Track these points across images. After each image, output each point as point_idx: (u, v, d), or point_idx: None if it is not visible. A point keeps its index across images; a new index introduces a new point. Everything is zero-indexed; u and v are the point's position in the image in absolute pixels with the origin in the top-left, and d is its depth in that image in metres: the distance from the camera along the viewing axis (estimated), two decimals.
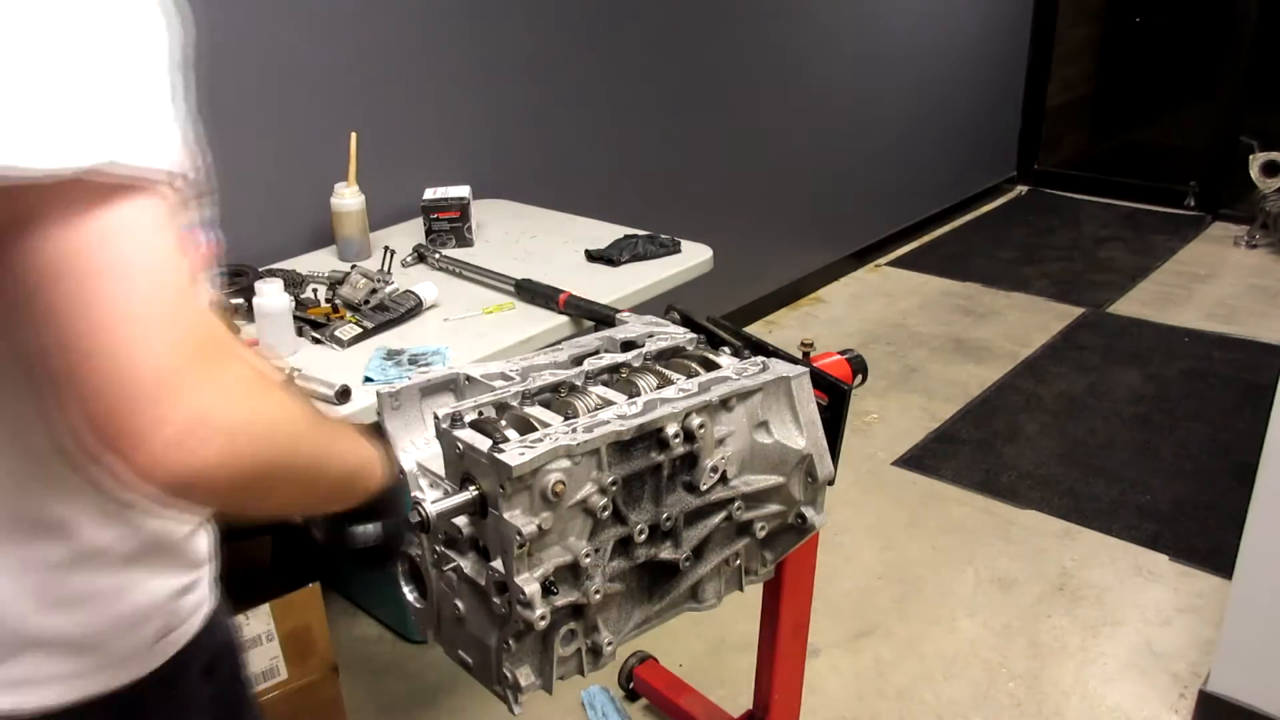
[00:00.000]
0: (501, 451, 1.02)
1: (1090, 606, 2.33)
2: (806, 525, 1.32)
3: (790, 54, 3.77)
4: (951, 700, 2.07)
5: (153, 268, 0.53)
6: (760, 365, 1.26)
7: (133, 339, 0.52)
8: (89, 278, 0.52)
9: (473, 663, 1.19)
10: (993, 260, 4.63)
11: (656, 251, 2.08)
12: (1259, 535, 1.81)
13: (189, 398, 0.54)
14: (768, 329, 3.93)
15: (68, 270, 0.51)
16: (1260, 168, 4.47)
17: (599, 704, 2.03)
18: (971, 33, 4.91)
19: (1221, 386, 3.35)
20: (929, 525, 2.66)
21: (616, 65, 3.10)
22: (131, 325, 0.52)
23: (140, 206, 0.54)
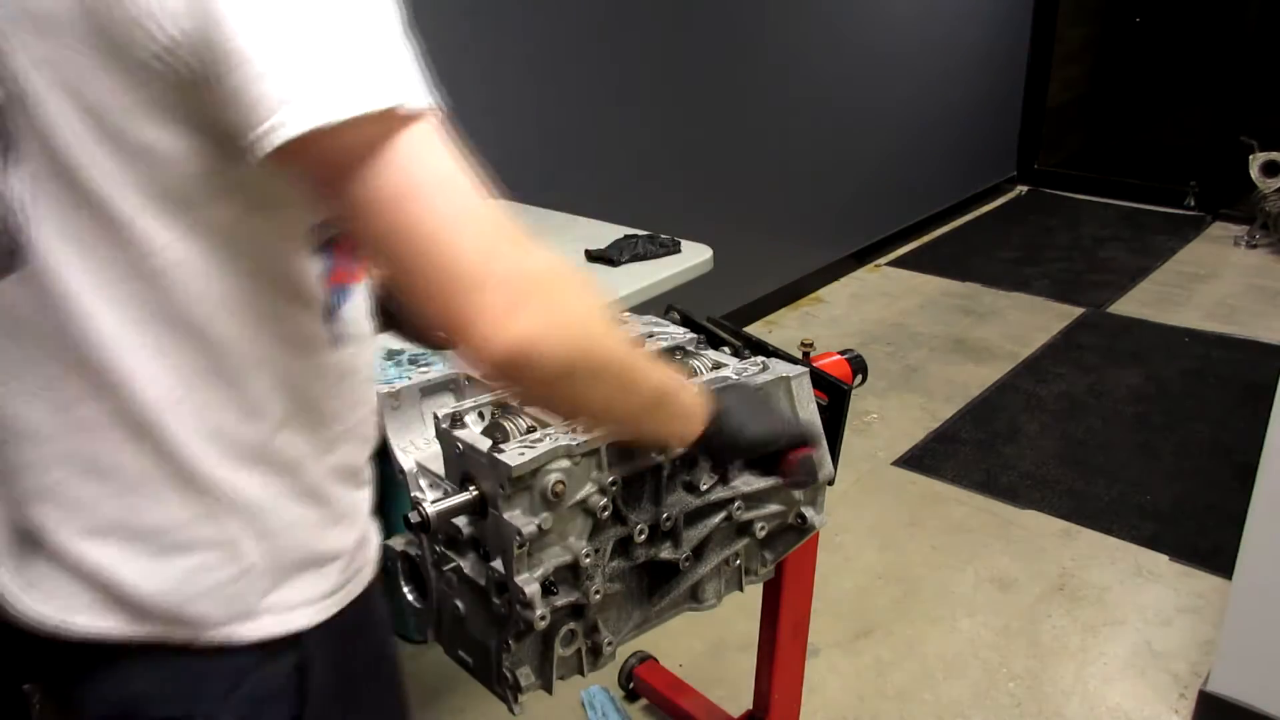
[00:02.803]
0: (501, 451, 1.02)
1: (1090, 606, 2.33)
2: (806, 525, 1.32)
3: (791, 54, 3.77)
4: (951, 700, 2.07)
5: (450, 181, 0.64)
6: (760, 365, 1.26)
7: (452, 240, 0.62)
8: (406, 200, 0.61)
9: (473, 663, 1.19)
10: (993, 260, 4.63)
11: (656, 251, 2.08)
12: (1259, 535, 1.81)
13: (506, 278, 0.63)
14: (768, 329, 3.93)
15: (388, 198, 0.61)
16: (1260, 168, 4.47)
17: (599, 704, 2.03)
18: (971, 33, 4.91)
19: (1221, 386, 3.35)
20: (929, 525, 2.66)
21: (617, 65, 3.10)
22: (448, 230, 0.62)
23: (428, 134, 0.63)
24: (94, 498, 0.72)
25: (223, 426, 0.72)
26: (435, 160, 0.63)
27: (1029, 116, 5.60)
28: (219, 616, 0.75)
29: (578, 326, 0.68)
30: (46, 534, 0.73)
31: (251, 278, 0.70)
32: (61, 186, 0.66)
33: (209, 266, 0.68)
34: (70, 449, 0.71)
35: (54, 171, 0.65)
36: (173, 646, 0.75)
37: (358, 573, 0.85)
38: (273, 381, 0.74)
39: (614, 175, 3.18)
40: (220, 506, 0.74)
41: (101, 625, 0.74)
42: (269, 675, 0.78)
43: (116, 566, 0.73)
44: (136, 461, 0.71)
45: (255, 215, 0.69)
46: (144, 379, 0.69)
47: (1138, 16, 6.32)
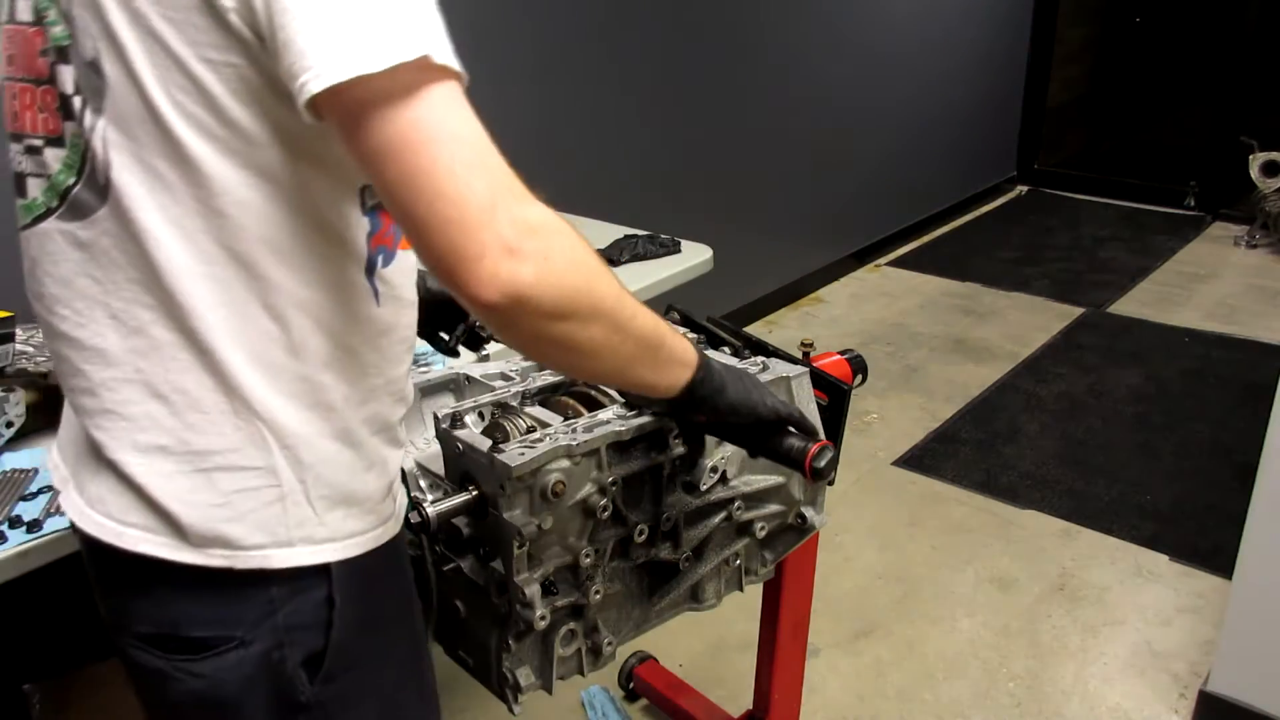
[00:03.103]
0: (501, 451, 1.02)
1: (1090, 606, 2.33)
2: (806, 525, 1.32)
3: (791, 54, 3.77)
4: (951, 700, 2.07)
5: (465, 132, 0.69)
6: (760, 365, 1.26)
7: (459, 186, 0.67)
8: (424, 145, 0.67)
9: (473, 663, 1.19)
10: (993, 260, 4.63)
11: (656, 251, 2.08)
12: (1259, 535, 1.81)
13: (507, 224, 0.68)
14: (768, 329, 3.93)
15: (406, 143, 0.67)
16: (1260, 168, 4.47)
17: (599, 704, 2.03)
18: (971, 33, 4.91)
19: (1221, 386, 3.35)
20: (929, 525, 2.66)
21: (617, 66, 3.10)
22: (457, 176, 0.67)
23: (449, 88, 0.69)
24: (154, 416, 0.79)
25: (271, 359, 0.79)
26: (453, 114, 0.69)
27: (1029, 116, 5.60)
28: (256, 540, 0.81)
29: (574, 269, 0.73)
30: (108, 448, 0.81)
31: (303, 223, 0.78)
32: (144, 131, 0.73)
33: (266, 209, 0.76)
34: (137, 369, 0.79)
35: (138, 117, 0.73)
36: (213, 571, 0.81)
37: (385, 520, 0.90)
38: (315, 323, 0.80)
39: (614, 175, 3.18)
40: (264, 434, 0.80)
41: (147, 545, 0.81)
42: (300, 606, 0.84)
43: (166, 482, 0.80)
44: (195, 383, 0.79)
45: (308, 165, 0.76)
46: (205, 306, 0.77)
47: (1138, 16, 6.32)
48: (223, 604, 0.83)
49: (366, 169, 0.70)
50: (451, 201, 0.67)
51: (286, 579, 0.83)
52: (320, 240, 0.79)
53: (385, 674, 0.93)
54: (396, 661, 0.95)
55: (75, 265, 0.79)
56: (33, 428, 1.34)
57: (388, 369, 0.88)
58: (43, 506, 1.18)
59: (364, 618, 0.88)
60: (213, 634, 0.83)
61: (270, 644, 0.84)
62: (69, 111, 0.76)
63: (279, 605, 0.83)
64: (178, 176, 0.74)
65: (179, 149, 0.73)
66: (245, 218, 0.75)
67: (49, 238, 0.80)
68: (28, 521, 1.16)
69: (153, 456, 0.80)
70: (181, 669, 0.85)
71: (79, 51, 0.74)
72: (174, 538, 0.81)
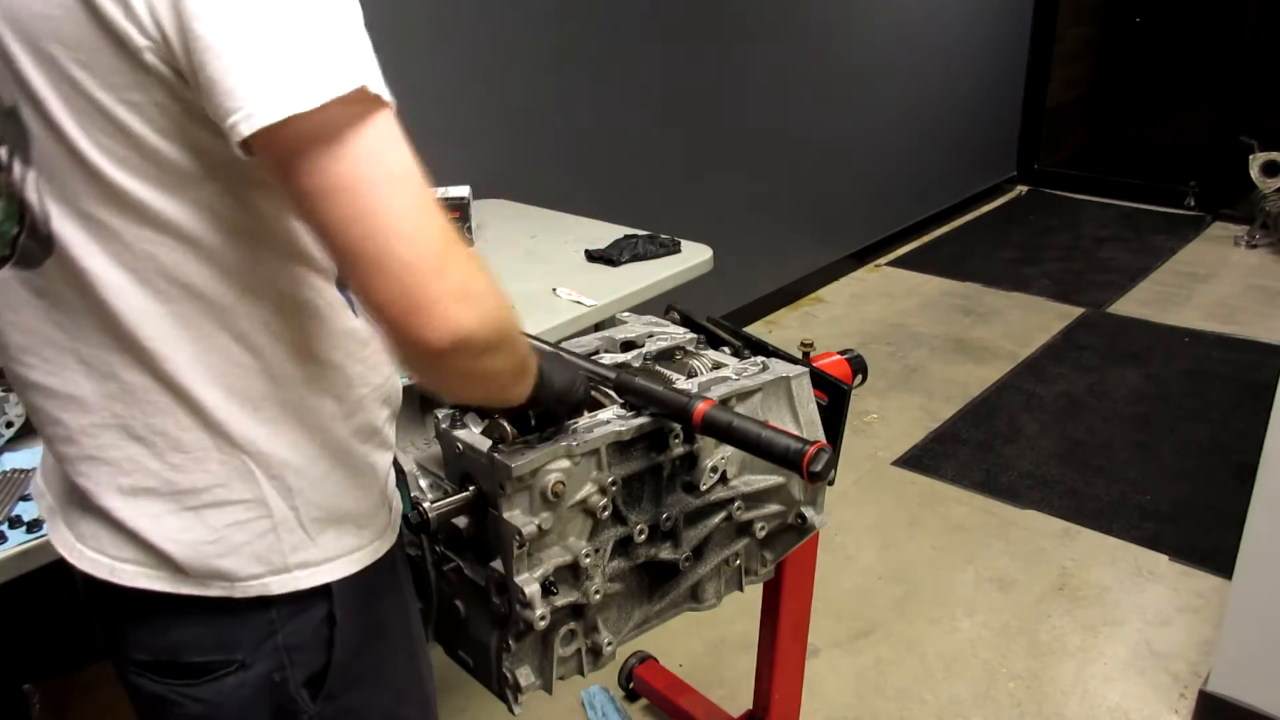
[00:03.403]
0: (501, 451, 1.02)
1: (1090, 606, 2.33)
2: (806, 525, 1.32)
3: (790, 54, 3.77)
4: (951, 700, 2.07)
5: (408, 173, 0.67)
6: (760, 365, 1.26)
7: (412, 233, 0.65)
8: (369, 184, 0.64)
9: (473, 663, 1.19)
10: (993, 260, 4.63)
11: (656, 251, 2.08)
12: (1259, 535, 1.81)
13: (456, 273, 0.67)
14: (768, 329, 3.93)
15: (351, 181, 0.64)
16: (1260, 168, 4.47)
17: (599, 704, 2.03)
18: (971, 33, 4.91)
19: (1221, 386, 3.35)
20: (929, 525, 2.66)
21: (617, 65, 3.10)
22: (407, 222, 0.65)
23: (387, 123, 0.66)
24: (135, 459, 0.78)
25: (250, 389, 0.78)
26: (393, 152, 0.66)
27: (1029, 116, 5.60)
28: (252, 571, 0.81)
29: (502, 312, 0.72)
30: (93, 494, 0.80)
31: (257, 247, 0.75)
32: (75, 179, 0.71)
33: (217, 239, 0.73)
34: (114, 414, 0.78)
35: (67, 165, 0.71)
36: (211, 599, 0.81)
37: (381, 533, 0.90)
38: (291, 345, 0.79)
39: (614, 175, 3.18)
40: (250, 466, 0.79)
41: (143, 580, 0.80)
42: (300, 625, 0.84)
43: (156, 524, 0.79)
44: (174, 424, 0.77)
45: (254, 190, 0.73)
46: (171, 347, 0.75)
47: (1138, 16, 6.31)
48: (222, 628, 0.82)
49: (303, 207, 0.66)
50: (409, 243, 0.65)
51: (286, 601, 0.83)
52: (280, 261, 0.77)
53: (387, 687, 0.93)
54: (397, 673, 0.95)
55: (38, 312, 0.77)
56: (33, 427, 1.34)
57: (372, 377, 0.87)
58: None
59: (365, 632, 0.88)
60: (212, 658, 0.83)
61: (272, 665, 0.83)
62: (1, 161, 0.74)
63: (279, 626, 0.83)
64: (120, 220, 0.71)
65: (115, 193, 0.70)
66: (197, 251, 0.73)
67: (7, 286, 0.78)
68: (28, 521, 1.16)
69: (139, 499, 0.79)
70: (181, 694, 0.84)
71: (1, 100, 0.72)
72: (170, 572, 0.80)
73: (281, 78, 0.63)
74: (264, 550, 0.81)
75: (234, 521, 0.80)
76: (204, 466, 0.78)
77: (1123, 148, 6.33)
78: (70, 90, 0.68)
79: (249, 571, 0.81)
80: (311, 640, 0.85)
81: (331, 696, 0.87)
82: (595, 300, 1.85)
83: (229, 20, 0.63)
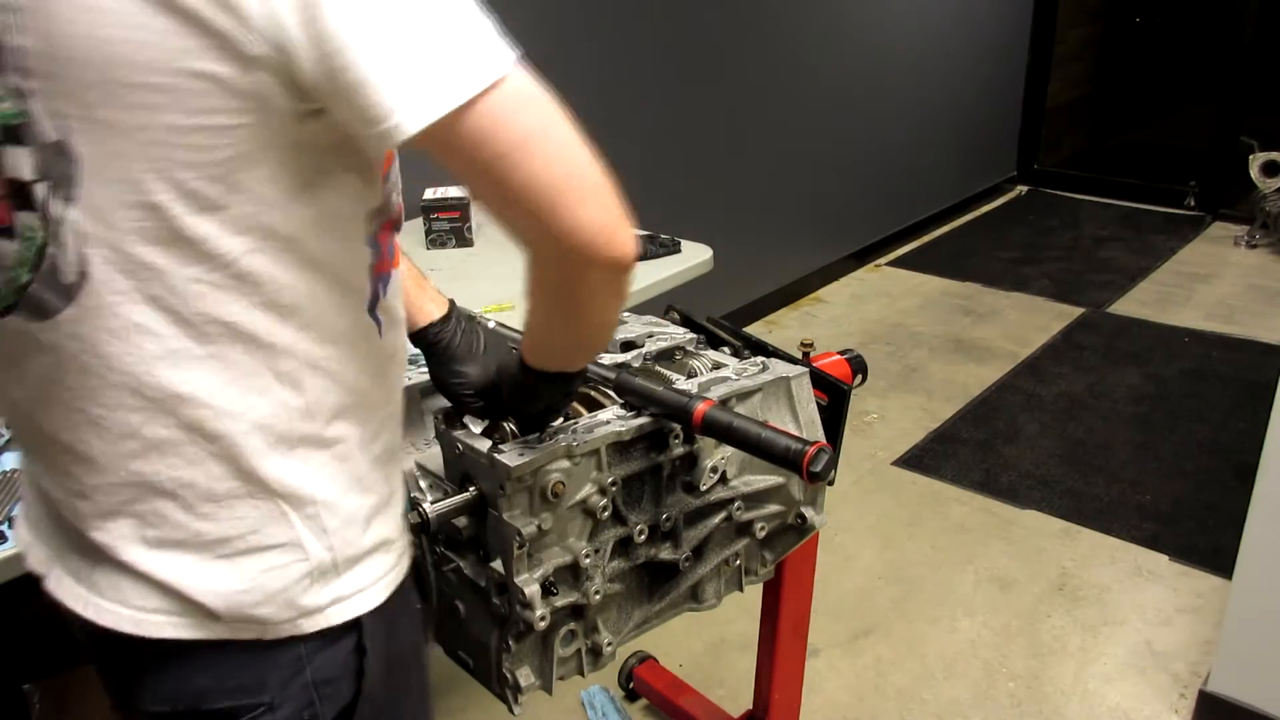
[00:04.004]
0: (501, 452, 1.02)
1: (1090, 606, 2.33)
2: (806, 525, 1.32)
3: (791, 54, 3.77)
4: (951, 700, 2.07)
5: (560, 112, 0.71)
6: (760, 365, 1.26)
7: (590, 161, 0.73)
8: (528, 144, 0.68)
9: (473, 663, 1.19)
10: (993, 260, 4.63)
11: (656, 251, 2.08)
12: (1259, 535, 1.81)
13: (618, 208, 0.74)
14: (768, 329, 3.93)
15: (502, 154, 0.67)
16: (1260, 168, 4.47)
17: (599, 704, 2.03)
18: (972, 33, 4.91)
19: (1221, 386, 3.35)
20: (929, 525, 2.66)
21: (616, 64, 3.10)
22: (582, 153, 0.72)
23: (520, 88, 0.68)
24: (161, 512, 0.75)
25: (286, 429, 0.76)
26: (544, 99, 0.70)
27: (1029, 116, 5.59)
28: (287, 615, 0.78)
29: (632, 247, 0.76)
30: (113, 549, 0.76)
31: (311, 276, 0.74)
32: (128, 216, 0.67)
33: (273, 271, 0.71)
34: (132, 472, 0.74)
35: (122, 201, 0.66)
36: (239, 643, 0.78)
37: (401, 557, 0.88)
38: (329, 378, 0.77)
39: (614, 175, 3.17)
40: (284, 508, 0.77)
41: (171, 630, 0.77)
42: (329, 659, 0.82)
43: (187, 575, 0.76)
44: (204, 475, 0.74)
45: (319, 210, 0.72)
46: (208, 391, 0.72)
47: (1138, 16, 6.31)
48: (249, 671, 0.80)
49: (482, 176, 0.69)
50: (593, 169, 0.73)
51: (316, 636, 0.81)
52: (328, 290, 0.75)
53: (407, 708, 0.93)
54: (414, 696, 0.95)
55: (44, 370, 0.73)
56: None
57: (394, 396, 0.87)
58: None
59: (389, 660, 0.86)
60: (239, 703, 0.80)
61: (301, 704, 0.81)
62: (24, 200, 0.67)
63: (307, 663, 0.81)
64: (169, 258, 0.68)
65: (173, 229, 0.67)
66: (248, 287, 0.70)
67: (8, 338, 0.73)
68: None
69: (167, 551, 0.76)
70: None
71: (37, 132, 0.65)
72: (201, 619, 0.77)
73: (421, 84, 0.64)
74: (299, 594, 0.78)
75: (269, 567, 0.77)
76: (236, 514, 0.75)
77: (1123, 148, 6.33)
78: (145, 116, 0.64)
79: (283, 616, 0.78)
80: (341, 674, 0.83)
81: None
82: None
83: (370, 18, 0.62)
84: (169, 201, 0.66)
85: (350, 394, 0.79)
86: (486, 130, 0.66)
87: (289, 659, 0.80)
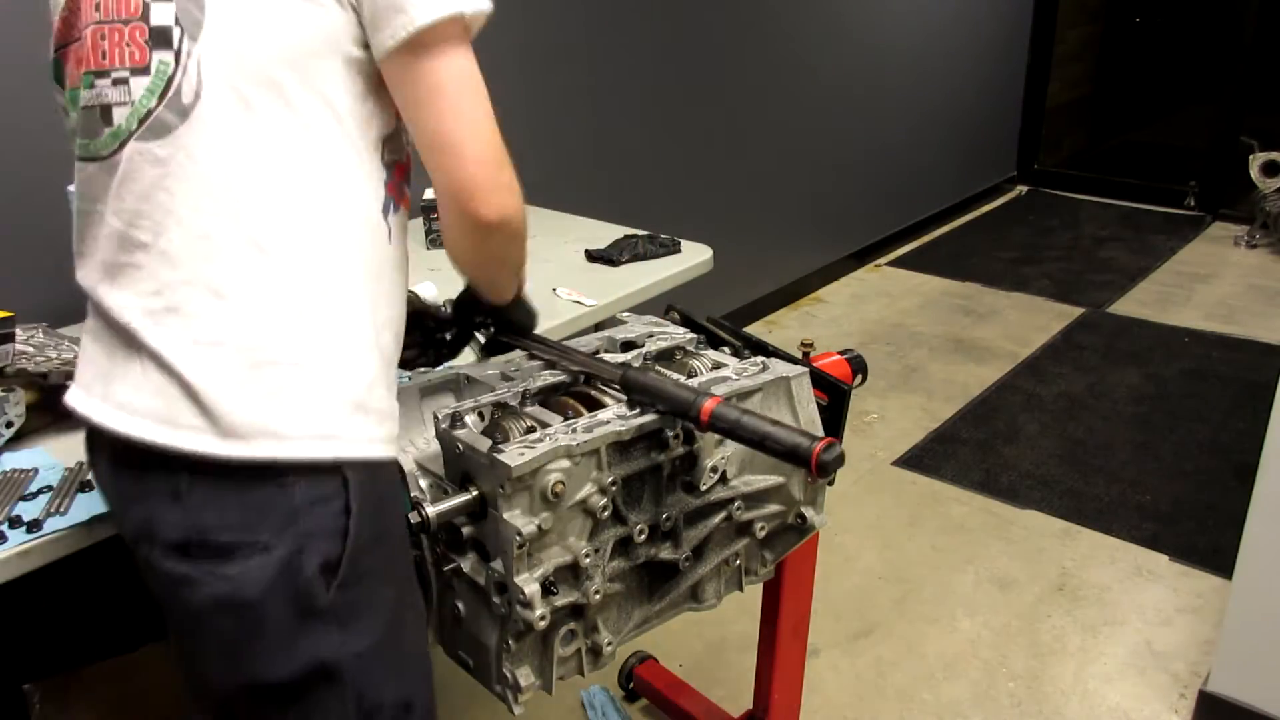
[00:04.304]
0: (501, 451, 1.02)
1: (1090, 606, 2.33)
2: (806, 525, 1.32)
3: (791, 54, 3.77)
4: (951, 700, 2.07)
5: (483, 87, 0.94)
6: (760, 365, 1.26)
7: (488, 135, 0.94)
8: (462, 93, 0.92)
9: (473, 663, 1.19)
10: (993, 260, 4.63)
11: (656, 251, 2.08)
12: (1259, 535, 1.81)
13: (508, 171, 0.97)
14: (768, 329, 3.93)
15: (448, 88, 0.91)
16: (1260, 168, 4.47)
17: (599, 704, 2.03)
18: (972, 33, 4.91)
19: (1221, 386, 3.35)
20: (929, 525, 2.66)
21: (616, 65, 3.10)
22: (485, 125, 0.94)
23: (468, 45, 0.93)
24: (212, 312, 0.89)
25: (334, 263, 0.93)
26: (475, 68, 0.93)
27: (1029, 116, 5.60)
28: (297, 431, 0.90)
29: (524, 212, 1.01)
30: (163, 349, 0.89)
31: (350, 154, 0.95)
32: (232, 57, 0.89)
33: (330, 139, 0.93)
34: (202, 271, 0.89)
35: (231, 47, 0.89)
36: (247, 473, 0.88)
37: (391, 439, 1.00)
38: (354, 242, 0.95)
39: (614, 175, 3.18)
40: (309, 333, 0.91)
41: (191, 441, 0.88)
42: (320, 513, 0.92)
43: (217, 377, 0.88)
44: (255, 282, 0.90)
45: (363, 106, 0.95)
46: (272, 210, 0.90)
47: (1138, 16, 6.32)
48: (250, 509, 0.90)
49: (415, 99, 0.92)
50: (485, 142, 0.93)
51: (309, 486, 0.90)
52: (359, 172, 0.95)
53: (389, 589, 1.00)
54: (398, 579, 1.02)
55: (153, 180, 0.90)
56: (32, 428, 1.34)
57: (396, 304, 1.02)
58: (43, 506, 1.18)
59: (374, 531, 0.95)
60: (239, 539, 0.89)
61: (292, 548, 0.90)
62: (161, 41, 0.90)
63: (300, 513, 0.90)
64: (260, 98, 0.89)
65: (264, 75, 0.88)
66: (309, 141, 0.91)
67: (131, 158, 0.91)
68: (28, 521, 1.15)
69: (207, 351, 0.89)
70: (207, 573, 0.90)
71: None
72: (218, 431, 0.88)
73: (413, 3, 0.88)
74: (309, 412, 0.90)
75: (288, 380, 0.90)
76: (273, 327, 0.90)
77: (1123, 148, 6.34)
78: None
79: (294, 431, 0.89)
80: (330, 528, 0.92)
81: (344, 586, 0.93)
82: (595, 300, 1.85)
83: None
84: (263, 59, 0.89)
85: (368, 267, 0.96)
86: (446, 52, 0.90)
87: (285, 505, 0.90)
